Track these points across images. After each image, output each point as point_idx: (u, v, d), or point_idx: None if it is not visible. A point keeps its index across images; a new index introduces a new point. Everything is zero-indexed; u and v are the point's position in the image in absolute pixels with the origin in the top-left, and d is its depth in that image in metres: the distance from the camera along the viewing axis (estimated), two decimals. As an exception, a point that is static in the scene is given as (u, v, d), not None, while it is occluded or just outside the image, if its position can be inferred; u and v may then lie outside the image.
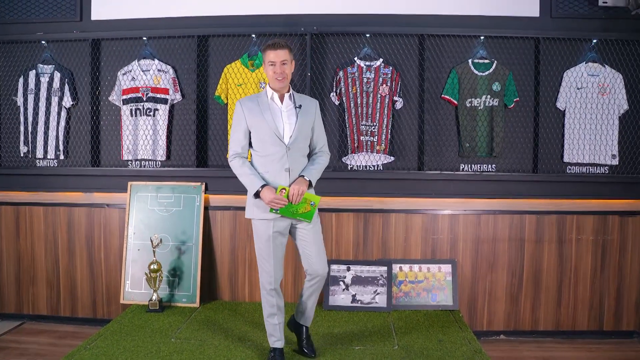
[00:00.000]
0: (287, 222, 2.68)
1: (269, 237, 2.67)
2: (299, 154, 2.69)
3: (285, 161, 2.63)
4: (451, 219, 3.58)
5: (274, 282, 2.72)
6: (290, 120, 2.67)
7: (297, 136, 2.65)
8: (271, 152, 2.65)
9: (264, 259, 2.72)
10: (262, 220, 2.68)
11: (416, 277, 3.55)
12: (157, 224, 3.62)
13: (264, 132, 2.65)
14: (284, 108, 2.69)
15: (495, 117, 3.54)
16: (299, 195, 2.58)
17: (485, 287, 3.58)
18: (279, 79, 2.62)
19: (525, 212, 3.54)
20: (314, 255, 2.70)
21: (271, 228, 2.66)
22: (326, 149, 2.84)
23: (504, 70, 3.54)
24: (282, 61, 2.61)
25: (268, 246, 2.68)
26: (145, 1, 3.71)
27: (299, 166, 2.68)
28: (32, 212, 3.79)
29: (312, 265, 2.70)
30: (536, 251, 3.56)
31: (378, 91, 3.54)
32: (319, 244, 2.73)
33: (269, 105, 2.68)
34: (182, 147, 3.72)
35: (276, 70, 2.61)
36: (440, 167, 3.60)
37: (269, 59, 2.63)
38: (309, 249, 2.71)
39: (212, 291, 3.68)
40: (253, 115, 2.67)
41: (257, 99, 2.72)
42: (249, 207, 2.74)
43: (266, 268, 2.72)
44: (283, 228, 2.69)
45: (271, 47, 2.63)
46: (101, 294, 3.75)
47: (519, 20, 3.58)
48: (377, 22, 3.61)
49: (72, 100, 3.74)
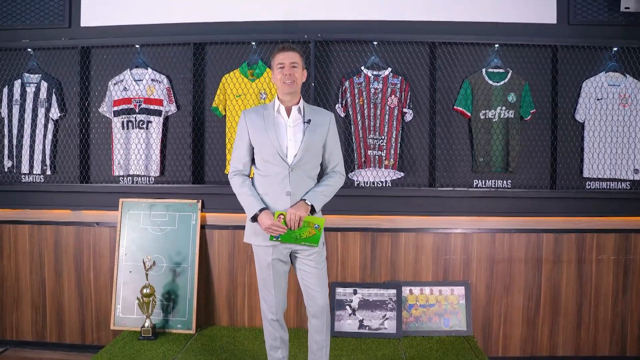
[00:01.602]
0: (287, 248, 2.46)
1: (269, 264, 2.45)
2: (305, 175, 2.44)
3: (286, 183, 2.39)
4: (464, 239, 3.37)
5: (276, 312, 2.50)
6: (296, 137, 2.43)
7: (303, 155, 2.41)
8: (273, 172, 2.41)
9: (265, 288, 2.50)
10: (261, 246, 2.46)
11: (427, 300, 3.33)
12: (150, 244, 3.38)
13: (266, 150, 2.41)
14: (291, 123, 2.45)
15: (510, 129, 3.34)
16: (296, 220, 2.35)
17: (501, 311, 3.37)
18: (287, 82, 2.38)
19: (542, 230, 3.35)
20: (314, 287, 2.47)
21: (270, 254, 2.44)
22: (340, 169, 2.56)
23: (519, 80, 3.34)
24: (292, 63, 2.40)
25: (269, 274, 2.46)
26: (138, 7, 3.49)
27: (303, 189, 2.43)
28: (16, 230, 3.56)
29: (311, 298, 2.48)
30: (554, 272, 3.36)
31: (386, 102, 3.33)
32: (321, 276, 2.49)
33: (274, 120, 2.44)
34: (177, 162, 3.49)
35: (285, 72, 2.39)
36: (452, 183, 3.40)
37: (277, 61, 2.41)
38: (308, 280, 2.47)
39: (209, 316, 3.44)
40: (256, 130, 2.44)
41: (262, 111, 2.48)
42: (248, 231, 2.51)
43: (267, 297, 2.50)
44: (284, 255, 2.46)
45: (280, 49, 2.43)
46: (90, 319, 3.51)
47: (535, 28, 3.38)
48: (385, 29, 3.40)
49: (59, 111, 3.51)
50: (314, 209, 2.42)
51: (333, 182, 2.51)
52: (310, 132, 2.43)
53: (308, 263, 2.47)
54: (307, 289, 2.50)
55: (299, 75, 2.43)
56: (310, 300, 2.49)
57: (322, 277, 2.50)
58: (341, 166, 2.58)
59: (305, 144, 2.41)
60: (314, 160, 2.48)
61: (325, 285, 2.51)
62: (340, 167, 2.57)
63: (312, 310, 2.50)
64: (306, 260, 2.47)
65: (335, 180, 2.53)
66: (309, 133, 2.43)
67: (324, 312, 2.50)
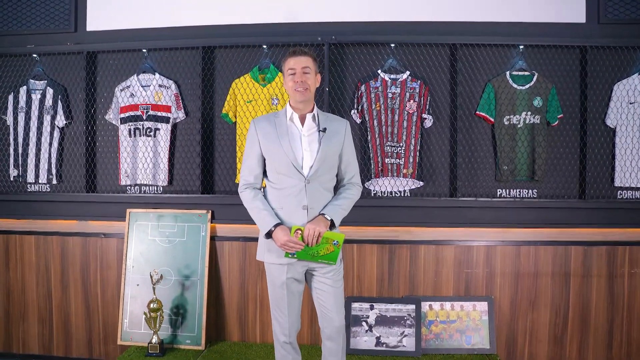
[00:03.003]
0: (303, 266, 2.31)
1: (283, 283, 2.30)
2: (322, 187, 2.29)
3: (303, 197, 2.24)
4: (487, 251, 3.19)
5: (289, 335, 2.35)
6: (311, 147, 2.27)
7: (320, 166, 2.26)
8: (287, 184, 2.26)
9: (277, 308, 2.35)
10: (274, 264, 2.31)
11: (448, 316, 3.16)
12: (158, 256, 3.26)
13: (280, 162, 2.26)
14: (305, 132, 2.30)
15: (536, 136, 3.15)
16: (315, 237, 2.20)
17: (526, 327, 3.19)
18: (299, 89, 2.23)
19: (571, 243, 3.16)
20: (330, 308, 2.32)
21: (285, 273, 2.29)
22: (357, 180, 2.42)
23: (546, 83, 3.15)
24: (304, 68, 2.24)
25: (282, 294, 2.31)
26: (145, 10, 3.36)
27: (320, 202, 2.28)
28: (23, 241, 3.46)
29: (326, 319, 2.33)
30: (583, 287, 3.16)
31: (405, 108, 3.16)
32: (338, 295, 2.34)
33: (287, 129, 2.29)
34: (186, 170, 3.36)
35: (296, 79, 2.23)
36: (474, 193, 3.22)
37: (288, 66, 2.26)
38: (324, 299, 2.33)
39: (219, 331, 3.31)
40: (268, 140, 2.28)
41: (274, 119, 2.32)
42: (261, 247, 2.37)
43: (279, 318, 2.35)
44: (299, 273, 2.32)
45: (291, 53, 2.28)
46: (97, 332, 3.40)
47: (562, 27, 3.19)
48: (403, 31, 3.23)
49: (65, 119, 3.40)
50: (333, 224, 2.27)
51: (351, 195, 2.36)
52: (326, 142, 2.28)
53: (324, 281, 2.32)
54: (322, 309, 2.35)
55: (312, 82, 2.28)
56: (326, 321, 2.35)
57: (339, 296, 2.36)
58: (358, 177, 2.43)
59: (321, 154, 2.26)
60: (331, 171, 2.33)
61: (341, 305, 2.37)
62: (357, 179, 2.43)
63: (328, 331, 2.35)
64: (322, 279, 2.32)
65: (354, 193, 2.38)
66: (325, 142, 2.28)
67: (340, 333, 2.35)
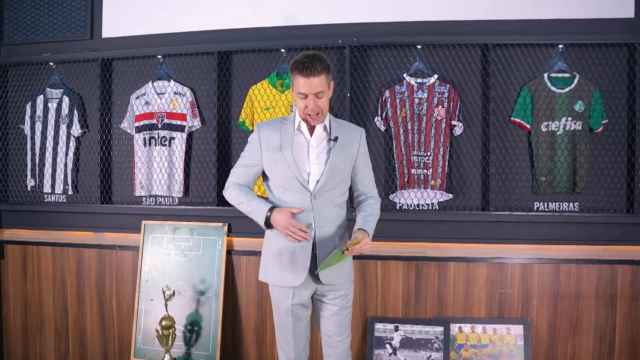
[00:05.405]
0: (311, 291, 2.12)
1: (288, 309, 2.11)
2: (330, 203, 2.08)
3: (308, 214, 2.05)
4: (523, 270, 2.95)
5: None
6: (319, 159, 2.07)
7: (328, 180, 2.05)
8: (291, 200, 2.07)
9: (282, 335, 2.17)
10: (278, 287, 2.12)
11: (479, 340, 2.92)
12: (172, 270, 3.14)
13: (282, 175, 2.07)
14: (314, 142, 2.09)
15: (578, 144, 2.89)
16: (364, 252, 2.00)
17: (566, 354, 2.92)
18: (312, 115, 2.01)
19: (617, 261, 2.89)
20: (335, 337, 2.15)
21: (290, 298, 2.10)
22: (376, 194, 2.24)
23: (588, 85, 2.88)
24: (317, 93, 1.98)
25: (287, 321, 2.13)
26: (159, 15, 3.25)
27: (329, 221, 2.08)
28: (39, 252, 3.42)
29: (330, 346, 2.17)
30: (632, 310, 2.88)
31: (432, 114, 2.94)
32: (345, 323, 2.16)
33: (293, 138, 2.08)
34: (202, 181, 3.23)
35: (308, 104, 1.99)
36: (509, 206, 2.98)
37: (298, 88, 1.99)
38: (329, 327, 2.15)
39: (235, 349, 3.16)
40: (271, 149, 2.08)
41: (280, 126, 2.11)
42: (264, 265, 2.18)
43: (285, 347, 2.17)
44: (306, 299, 2.13)
45: (301, 72, 1.96)
46: (112, 347, 3.31)
47: (607, 24, 2.91)
48: (430, 31, 3.02)
49: (81, 128, 3.32)
50: None
51: (377, 211, 2.19)
52: (336, 152, 2.07)
53: (332, 308, 2.15)
54: (326, 337, 2.18)
55: (325, 101, 2.03)
56: (330, 349, 2.18)
57: (346, 324, 2.18)
58: (375, 190, 2.24)
59: (330, 166, 2.05)
60: (342, 185, 2.13)
61: (348, 330, 2.20)
62: (376, 192, 2.24)
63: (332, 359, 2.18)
64: (330, 305, 2.14)
65: (378, 207, 2.21)
66: (335, 153, 2.07)
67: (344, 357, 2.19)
